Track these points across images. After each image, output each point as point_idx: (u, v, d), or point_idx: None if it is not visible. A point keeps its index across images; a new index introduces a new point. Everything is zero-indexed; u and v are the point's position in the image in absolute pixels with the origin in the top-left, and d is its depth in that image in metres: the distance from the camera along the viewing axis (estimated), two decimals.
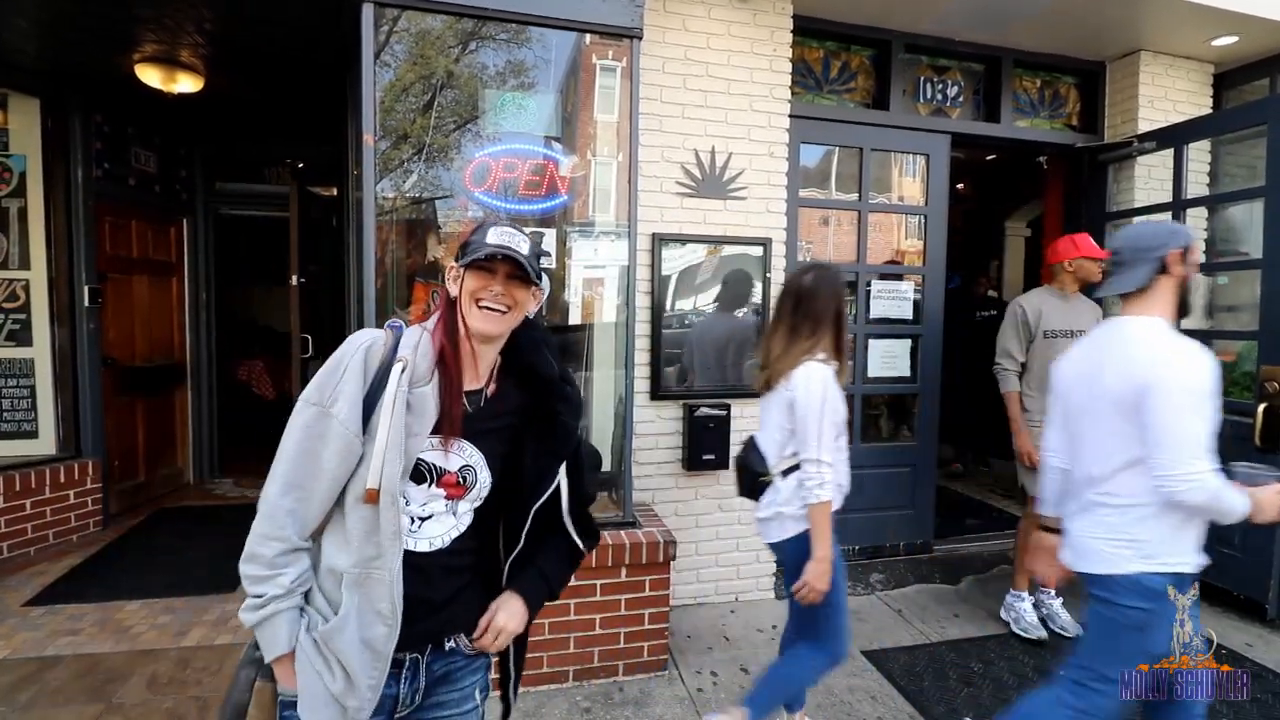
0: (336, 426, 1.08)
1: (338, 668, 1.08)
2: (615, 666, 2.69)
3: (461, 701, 1.24)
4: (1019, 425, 3.11)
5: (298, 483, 1.09)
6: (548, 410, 1.22)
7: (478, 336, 1.16)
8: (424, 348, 1.14)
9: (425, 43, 2.79)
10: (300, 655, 1.09)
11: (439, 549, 1.16)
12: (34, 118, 3.89)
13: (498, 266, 1.14)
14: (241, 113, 4.65)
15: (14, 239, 3.89)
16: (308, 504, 1.09)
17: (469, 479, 1.17)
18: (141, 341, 4.69)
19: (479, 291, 1.14)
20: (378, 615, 1.08)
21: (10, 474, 3.65)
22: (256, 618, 1.08)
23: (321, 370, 1.13)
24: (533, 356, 1.22)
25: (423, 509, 1.15)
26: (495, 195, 2.82)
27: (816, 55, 3.79)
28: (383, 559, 1.08)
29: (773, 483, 2.06)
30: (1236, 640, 3.05)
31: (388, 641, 1.09)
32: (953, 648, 2.98)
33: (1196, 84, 4.17)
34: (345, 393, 1.10)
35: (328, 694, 1.07)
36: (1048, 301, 3.18)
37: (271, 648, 1.09)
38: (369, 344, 1.14)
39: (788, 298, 2.07)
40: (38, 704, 2.42)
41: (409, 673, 1.17)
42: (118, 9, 3.06)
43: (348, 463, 1.09)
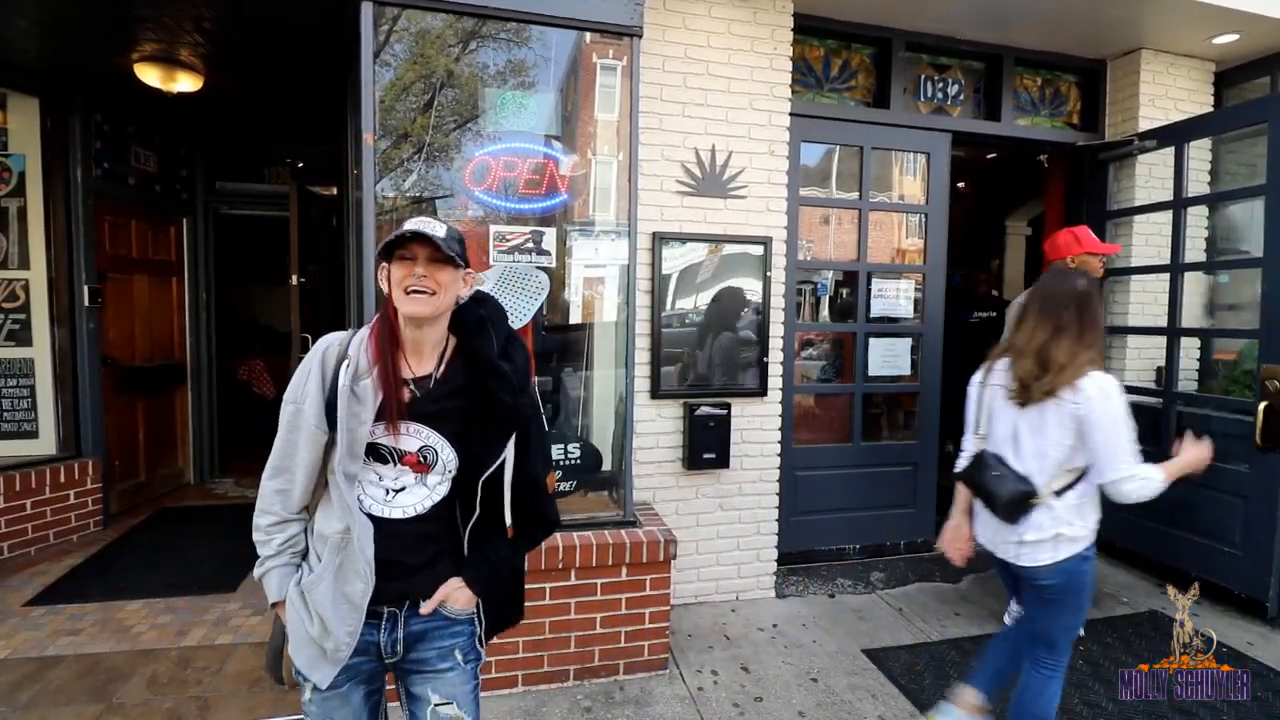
0: (305, 420, 1.26)
1: (315, 615, 1.26)
2: (616, 665, 2.69)
3: (440, 659, 1.37)
4: None
5: (282, 468, 1.29)
6: (485, 387, 1.31)
7: (410, 321, 1.27)
8: (365, 344, 1.28)
9: (425, 42, 2.78)
10: (289, 603, 1.30)
11: (412, 516, 1.31)
12: (34, 117, 3.88)
13: (415, 250, 1.24)
14: (241, 112, 4.65)
15: (14, 239, 3.89)
16: (291, 484, 1.29)
17: (430, 457, 1.30)
18: (142, 341, 4.69)
19: (404, 279, 1.23)
20: (356, 573, 1.26)
21: (10, 474, 3.65)
22: (258, 573, 1.33)
23: (295, 373, 1.31)
24: (475, 337, 1.33)
25: (395, 482, 1.30)
26: (495, 194, 2.81)
27: (817, 53, 3.79)
28: (353, 527, 1.25)
29: (1042, 504, 1.87)
30: (1237, 638, 3.05)
31: (364, 596, 1.26)
32: (954, 646, 2.97)
33: (1197, 82, 4.16)
34: (309, 392, 1.27)
35: (307, 635, 1.28)
36: None
37: (270, 596, 1.33)
38: (326, 347, 1.30)
39: (1068, 305, 1.89)
40: (38, 704, 2.42)
41: (388, 624, 1.33)
42: (117, 8, 3.05)
43: (317, 450, 1.27)
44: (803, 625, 3.15)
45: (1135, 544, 3.84)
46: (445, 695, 1.37)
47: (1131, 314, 4.08)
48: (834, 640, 3.02)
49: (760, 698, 2.57)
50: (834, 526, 3.84)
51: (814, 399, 4.32)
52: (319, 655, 1.28)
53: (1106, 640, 3.01)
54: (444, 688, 1.37)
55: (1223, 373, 3.95)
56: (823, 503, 3.80)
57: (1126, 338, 4.08)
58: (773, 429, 3.43)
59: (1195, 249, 4.07)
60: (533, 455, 1.38)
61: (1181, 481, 1.94)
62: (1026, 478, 1.89)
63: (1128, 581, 3.68)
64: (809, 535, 3.79)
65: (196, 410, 5.25)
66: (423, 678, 1.37)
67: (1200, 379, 4.15)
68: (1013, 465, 1.92)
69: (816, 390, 4.26)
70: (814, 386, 4.18)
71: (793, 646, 2.96)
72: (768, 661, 2.83)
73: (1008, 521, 1.90)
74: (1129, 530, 3.88)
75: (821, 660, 2.85)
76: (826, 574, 3.70)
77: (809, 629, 3.12)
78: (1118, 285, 4.14)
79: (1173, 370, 3.73)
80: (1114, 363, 4.15)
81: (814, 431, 4.04)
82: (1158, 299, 4.04)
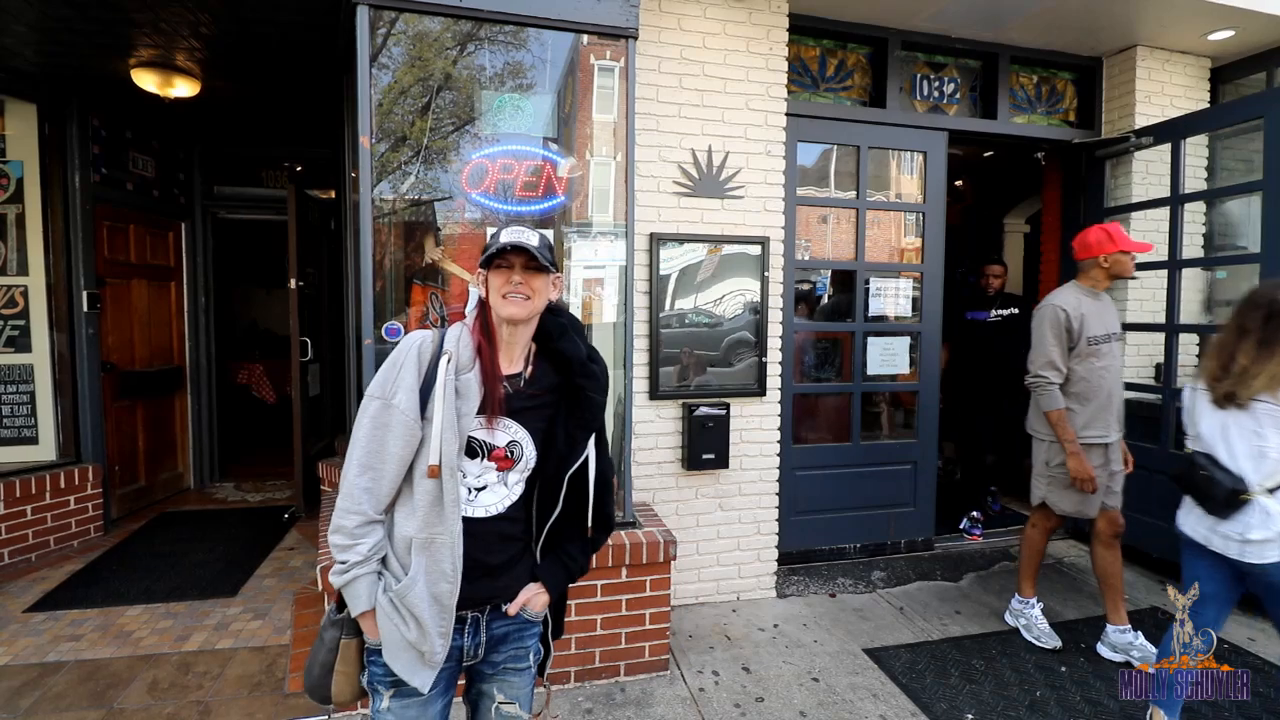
0: (398, 415, 1.28)
1: (411, 619, 1.27)
2: (617, 667, 2.69)
3: (515, 660, 1.42)
4: (1076, 446, 2.79)
5: (370, 465, 1.29)
6: (575, 386, 1.39)
7: (507, 323, 1.34)
8: (464, 341, 1.34)
9: (422, 45, 2.78)
10: (380, 611, 1.29)
11: (494, 515, 1.35)
12: (31, 123, 3.89)
13: (513, 259, 1.32)
14: (239, 116, 4.65)
15: (12, 245, 3.89)
16: (379, 482, 1.29)
17: (516, 452, 1.35)
18: (141, 346, 4.69)
19: (502, 286, 1.32)
20: (442, 574, 1.27)
21: (11, 480, 3.66)
22: (342, 580, 1.29)
23: (382, 368, 1.33)
24: (560, 340, 1.40)
25: (478, 480, 1.33)
26: (493, 197, 2.82)
27: (813, 53, 3.79)
28: (445, 524, 1.27)
29: (1252, 501, 1.94)
30: (1239, 635, 3.05)
31: (451, 596, 1.28)
32: (955, 645, 2.97)
33: (1193, 78, 4.17)
34: (404, 385, 1.29)
35: (405, 641, 1.28)
36: (1084, 302, 2.86)
37: (355, 605, 1.30)
38: (420, 342, 1.34)
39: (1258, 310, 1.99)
40: (39, 710, 2.42)
41: (471, 628, 1.36)
42: (115, 14, 3.06)
43: (410, 445, 1.29)
44: (803, 625, 3.15)
45: (1135, 540, 3.84)
46: (510, 695, 1.42)
47: (1130, 310, 4.08)
48: (835, 640, 3.02)
49: (761, 698, 2.57)
50: (834, 526, 3.84)
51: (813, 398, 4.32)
52: (417, 660, 1.29)
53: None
54: (510, 689, 1.42)
55: None
56: (822, 502, 3.80)
57: (1125, 334, 4.08)
58: (772, 429, 3.43)
59: (1193, 245, 4.07)
60: (605, 453, 1.46)
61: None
62: (1239, 476, 1.96)
63: (1129, 578, 3.67)
64: (809, 535, 3.79)
65: (196, 415, 5.26)
66: (495, 678, 1.42)
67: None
68: (1225, 464, 2.00)
69: (815, 390, 4.26)
70: (813, 386, 4.18)
71: (794, 646, 2.96)
72: (769, 661, 2.83)
73: (1220, 517, 1.99)
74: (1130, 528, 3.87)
75: (822, 660, 2.85)
76: (827, 573, 3.70)
77: (810, 629, 3.12)
78: (1117, 282, 4.13)
79: (1171, 366, 3.73)
80: None
81: (813, 431, 4.04)
82: (1155, 295, 4.05)
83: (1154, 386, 3.92)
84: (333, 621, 1.37)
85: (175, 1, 2.93)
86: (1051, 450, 2.90)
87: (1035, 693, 2.60)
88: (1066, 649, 2.93)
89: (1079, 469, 2.77)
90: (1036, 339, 2.88)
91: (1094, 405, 2.84)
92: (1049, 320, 2.83)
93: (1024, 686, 2.64)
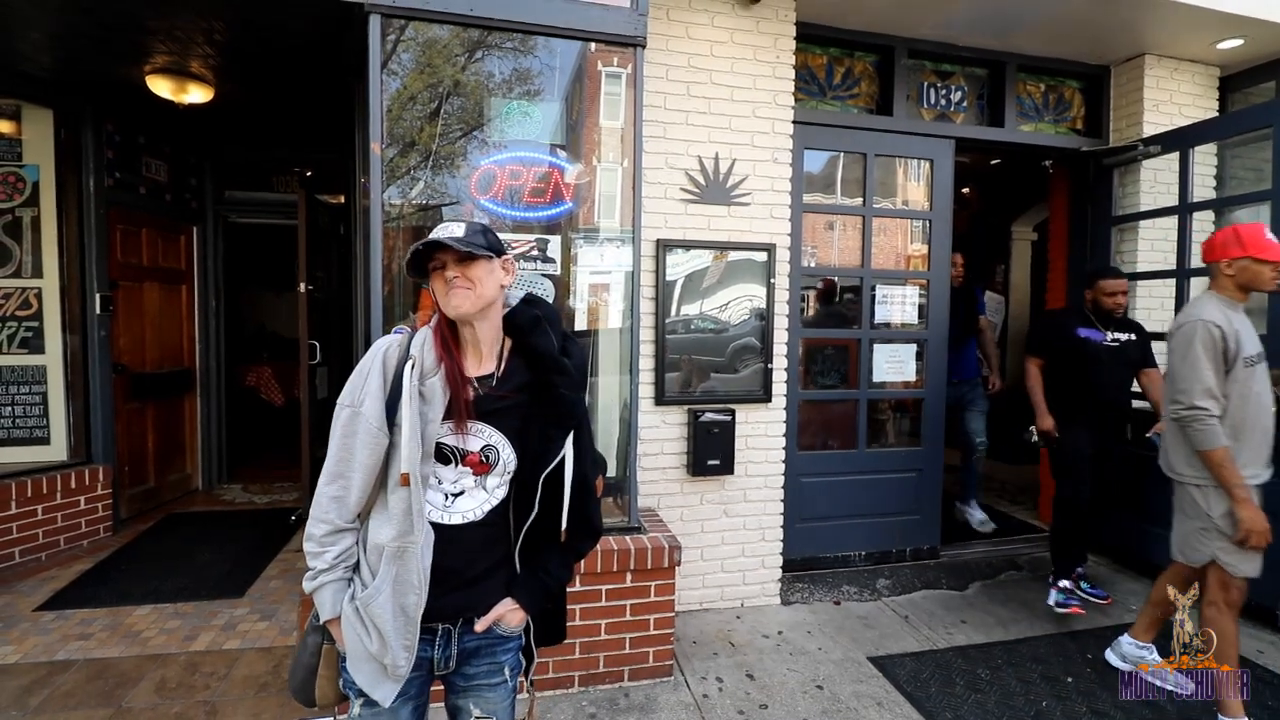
0: (364, 423, 1.25)
1: (373, 630, 1.24)
2: (621, 672, 2.69)
3: (490, 675, 1.38)
4: (1246, 492, 2.28)
5: (339, 473, 1.27)
6: (547, 382, 1.33)
7: (461, 319, 1.28)
8: (428, 344, 1.29)
9: (432, 52, 2.81)
10: (345, 620, 1.27)
11: (472, 521, 1.31)
12: (47, 128, 3.95)
13: (442, 258, 1.27)
14: (250, 121, 4.70)
15: (27, 248, 3.94)
16: (348, 490, 1.26)
17: (491, 457, 1.30)
18: (152, 348, 4.74)
19: (441, 286, 1.27)
20: (409, 585, 1.23)
21: (22, 480, 3.70)
22: (310, 586, 1.29)
23: (352, 375, 1.31)
24: (532, 334, 1.34)
25: (454, 486, 1.30)
26: (501, 203, 2.84)
27: (820, 61, 3.81)
28: (414, 533, 1.24)
29: None
30: (1248, 647, 3.02)
31: (417, 608, 1.24)
32: (960, 654, 2.96)
33: (1202, 87, 4.16)
34: (370, 392, 1.26)
35: (367, 652, 1.25)
36: (1232, 316, 2.38)
37: (321, 611, 1.30)
38: (386, 348, 1.31)
39: None
40: (48, 708, 2.44)
41: (442, 640, 1.32)
42: (130, 21, 3.10)
43: (377, 453, 1.25)
44: (808, 632, 3.15)
45: (1144, 551, 3.82)
46: (486, 710, 1.38)
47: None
48: (839, 648, 3.01)
49: (765, 705, 2.57)
50: (839, 533, 3.83)
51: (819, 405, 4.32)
52: (380, 672, 1.26)
53: None
54: (485, 704, 1.38)
55: None
56: (828, 509, 3.79)
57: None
58: (777, 435, 3.43)
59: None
60: (586, 453, 1.40)
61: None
62: None
63: (1135, 588, 3.65)
64: (814, 542, 3.78)
65: (205, 417, 5.30)
66: (468, 692, 1.38)
67: None
68: None
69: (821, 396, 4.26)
70: (819, 393, 4.18)
71: (798, 654, 2.95)
72: (773, 669, 2.83)
73: None
74: (1137, 537, 3.86)
75: (827, 668, 2.84)
76: (832, 581, 3.69)
77: (814, 636, 3.11)
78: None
79: None
80: None
81: (819, 437, 4.04)
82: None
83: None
84: (314, 627, 1.36)
85: (190, 9, 2.97)
86: (1212, 498, 2.35)
87: (1041, 703, 2.58)
88: (1072, 658, 2.92)
89: (1253, 520, 2.25)
90: (1187, 363, 2.35)
91: (1251, 438, 2.36)
92: (1201, 339, 2.32)
93: (1029, 697, 2.63)
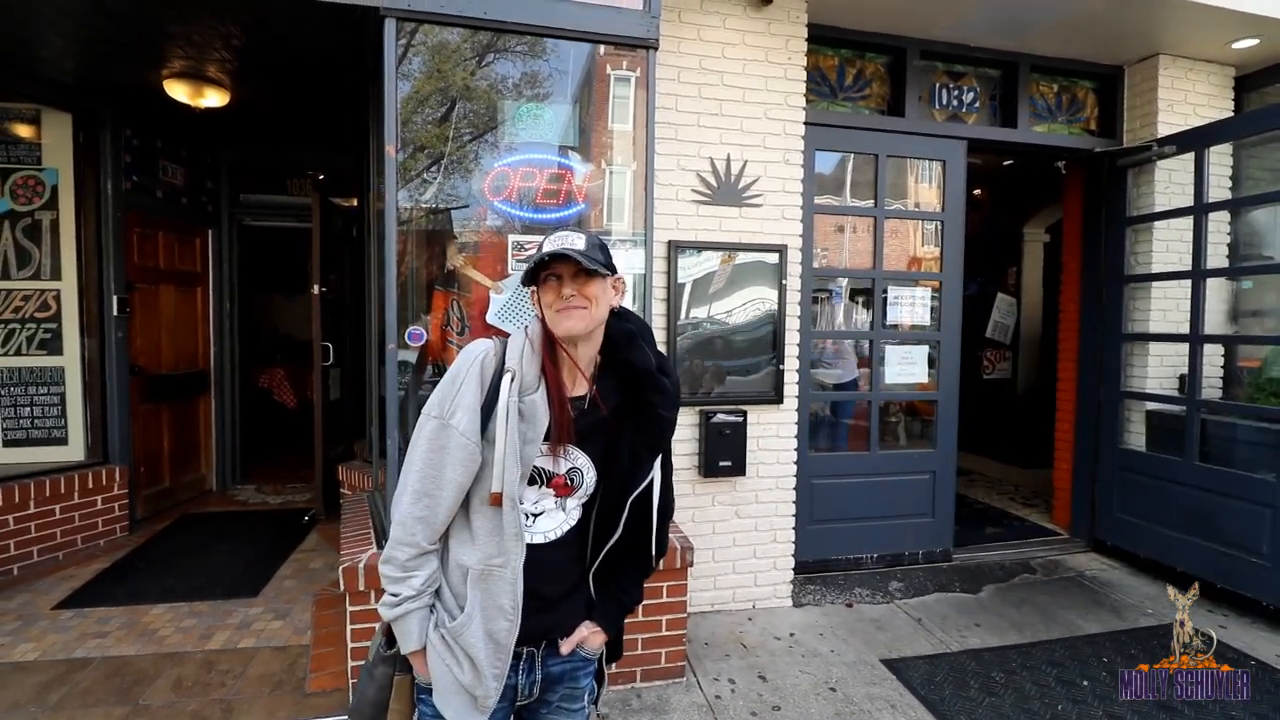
0: (456, 437, 1.15)
1: (465, 660, 1.17)
2: (633, 673, 2.70)
3: (571, 700, 1.33)
4: None
5: (426, 491, 1.16)
6: (643, 401, 1.25)
7: (568, 338, 1.21)
8: (528, 357, 1.21)
9: (445, 55, 2.84)
10: (431, 650, 1.19)
11: (551, 542, 1.24)
12: (66, 132, 4.00)
13: (560, 269, 1.19)
14: (265, 125, 4.75)
15: (46, 250, 4.00)
16: (435, 510, 1.17)
17: (576, 480, 1.24)
18: (167, 350, 4.79)
19: (554, 301, 1.19)
20: (499, 610, 1.17)
21: (40, 480, 3.74)
22: (393, 614, 1.19)
23: (441, 383, 1.21)
24: (627, 350, 1.26)
25: (535, 506, 1.23)
26: (513, 205, 2.85)
27: (831, 63, 3.80)
28: (505, 557, 1.17)
29: None
30: (1266, 651, 2.99)
31: (509, 634, 1.18)
32: (974, 657, 2.94)
33: (1217, 87, 4.13)
34: (463, 404, 1.17)
35: (457, 684, 1.18)
36: None
37: (406, 642, 1.20)
38: (483, 355, 1.21)
39: None
40: (67, 705, 2.47)
41: (525, 665, 1.26)
42: (149, 26, 3.15)
43: (470, 471, 1.17)
44: (820, 634, 3.14)
45: (1160, 555, 3.78)
46: None
47: (1153, 321, 4.03)
48: (852, 650, 3.00)
49: (778, 707, 2.56)
50: (851, 535, 3.82)
51: (831, 406, 4.31)
52: (469, 704, 1.18)
53: (1131, 652, 2.96)
54: None
55: (1248, 380, 3.89)
56: (840, 511, 3.78)
57: (1148, 345, 4.03)
58: (789, 436, 3.43)
59: (1217, 255, 4.02)
60: (669, 474, 1.34)
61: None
62: None
63: (1152, 593, 3.61)
64: (826, 544, 3.77)
65: (219, 418, 5.35)
66: (548, 718, 1.33)
67: (1224, 386, 4.08)
68: None
69: (833, 398, 4.25)
70: (831, 394, 4.17)
71: (810, 656, 2.94)
72: (785, 670, 2.82)
73: None
74: (1154, 540, 3.83)
75: (839, 670, 2.83)
76: (844, 583, 3.68)
77: (826, 638, 3.10)
78: (1138, 292, 4.10)
79: (1196, 378, 3.68)
80: (1136, 370, 4.10)
81: (831, 439, 4.03)
82: (1180, 305, 4.00)
83: (1178, 398, 3.87)
84: (383, 658, 1.26)
85: (208, 14, 3.01)
86: None
87: (1057, 706, 2.56)
88: (1087, 662, 2.89)
89: None
90: None
91: None
92: None
93: (1045, 700, 2.61)
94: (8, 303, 3.92)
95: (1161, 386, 4.03)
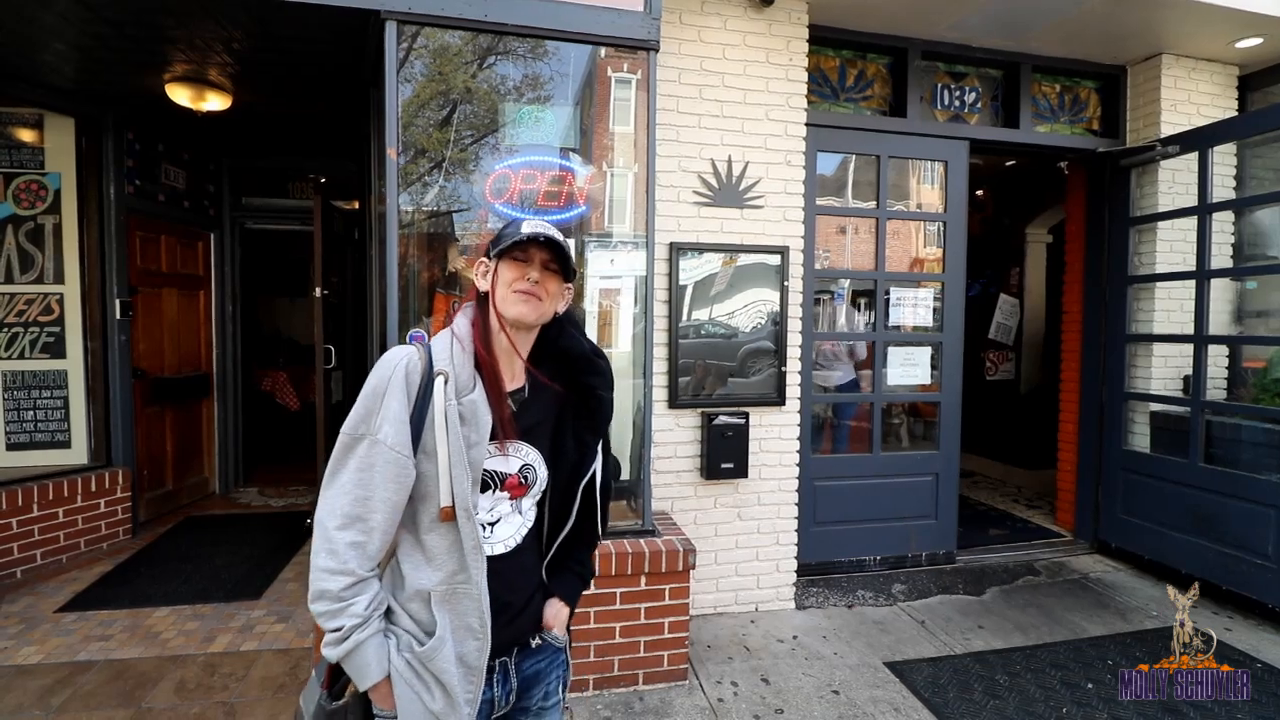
0: (386, 453, 1.06)
1: (436, 687, 1.08)
2: (635, 675, 2.69)
3: (546, 697, 1.28)
4: None
5: (358, 515, 1.05)
6: (583, 385, 1.23)
7: (516, 326, 1.15)
8: (458, 355, 1.12)
9: (446, 58, 2.84)
10: (396, 677, 1.08)
11: (512, 549, 1.19)
12: (69, 136, 4.01)
13: (533, 254, 1.14)
14: (266, 129, 4.76)
15: (49, 254, 4.01)
16: (370, 534, 1.06)
17: (529, 477, 1.18)
18: (170, 353, 4.80)
19: (516, 281, 1.13)
20: (468, 630, 1.10)
21: (44, 483, 3.75)
22: (341, 651, 1.05)
23: (361, 398, 1.10)
24: (561, 339, 1.23)
25: (490, 514, 1.16)
26: (514, 207, 2.85)
27: (832, 64, 3.80)
28: (468, 573, 1.09)
29: None
30: (1272, 654, 2.97)
31: (480, 655, 1.11)
32: (978, 660, 2.93)
33: (1220, 86, 4.11)
34: (390, 417, 1.07)
35: (428, 712, 1.08)
36: None
37: (364, 677, 1.07)
38: (405, 362, 1.10)
39: None
40: (70, 708, 2.47)
41: (499, 677, 1.19)
42: (151, 31, 3.15)
43: (404, 487, 1.08)
44: (823, 637, 3.13)
45: (1165, 557, 3.77)
46: None
47: (1157, 322, 4.01)
48: (855, 652, 2.99)
49: (781, 709, 2.55)
50: (854, 537, 3.81)
51: (833, 408, 4.30)
52: None
53: (1135, 655, 2.94)
54: None
55: (1252, 381, 3.87)
56: (842, 513, 3.77)
57: (1152, 346, 4.02)
58: (791, 438, 3.42)
59: (1221, 255, 4.00)
60: (608, 455, 1.33)
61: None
62: None
63: (1157, 595, 3.60)
64: (829, 546, 3.76)
65: (222, 421, 5.35)
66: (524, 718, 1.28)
67: (1229, 387, 4.07)
68: None
69: (835, 399, 4.24)
70: (833, 396, 4.16)
71: (813, 658, 2.93)
72: (788, 673, 2.81)
73: None
74: (1158, 542, 3.81)
75: (842, 672, 2.82)
76: (846, 585, 3.67)
77: (829, 641, 3.09)
78: (1142, 292, 4.09)
79: (1200, 378, 3.66)
80: (1139, 371, 4.09)
81: (833, 441, 4.02)
82: (1184, 306, 3.98)
83: (1182, 399, 3.85)
84: (328, 713, 1.11)
85: (209, 18, 3.01)
86: None
87: (1062, 709, 2.55)
88: (1092, 664, 2.88)
89: None
90: None
91: None
92: None
93: (1050, 703, 2.59)
94: (11, 306, 3.93)
95: (1165, 387, 4.01)
